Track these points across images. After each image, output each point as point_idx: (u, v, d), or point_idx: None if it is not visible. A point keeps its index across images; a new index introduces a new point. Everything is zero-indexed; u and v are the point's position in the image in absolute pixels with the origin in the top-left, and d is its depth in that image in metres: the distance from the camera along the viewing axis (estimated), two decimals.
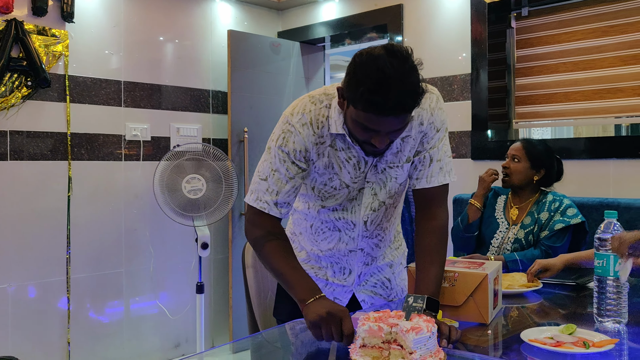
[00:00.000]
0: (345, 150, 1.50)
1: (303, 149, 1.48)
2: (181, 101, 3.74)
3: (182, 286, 3.71)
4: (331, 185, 1.54)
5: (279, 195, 1.49)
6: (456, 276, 1.57)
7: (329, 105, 1.49)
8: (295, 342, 1.49)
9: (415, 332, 1.17)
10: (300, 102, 1.52)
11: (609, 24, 3.00)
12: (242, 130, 3.77)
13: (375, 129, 1.33)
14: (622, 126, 3.89)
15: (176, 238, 3.66)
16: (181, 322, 3.70)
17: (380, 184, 1.57)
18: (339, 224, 1.61)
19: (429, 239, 1.55)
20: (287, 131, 1.48)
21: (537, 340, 1.34)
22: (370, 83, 1.26)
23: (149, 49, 3.59)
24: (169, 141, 3.66)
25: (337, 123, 1.46)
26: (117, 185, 3.45)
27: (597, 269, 1.53)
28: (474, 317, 1.54)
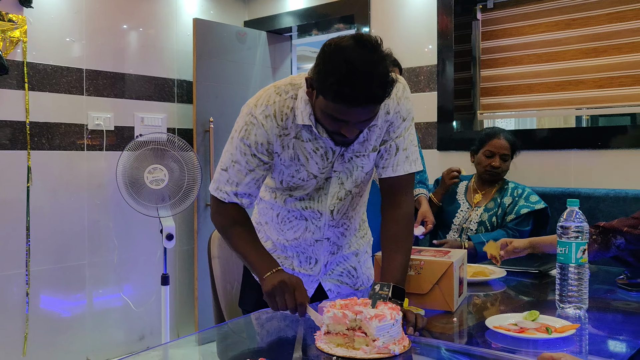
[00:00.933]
0: (312, 142, 1.48)
1: (265, 141, 1.47)
2: (145, 90, 3.66)
3: (146, 278, 3.66)
4: (299, 177, 1.53)
5: (238, 187, 1.49)
6: (422, 264, 1.57)
7: (295, 96, 1.47)
8: (261, 332, 1.48)
9: (378, 319, 1.17)
10: (265, 92, 1.50)
11: (571, 17, 3.05)
12: (207, 120, 3.72)
13: (344, 120, 1.33)
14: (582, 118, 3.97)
15: (141, 229, 3.60)
16: (146, 314, 3.65)
17: (347, 173, 1.56)
18: (306, 213, 1.60)
19: (395, 228, 1.56)
20: (250, 123, 1.46)
21: (501, 326, 1.36)
22: (338, 74, 1.25)
23: (112, 37, 3.50)
24: (133, 131, 3.59)
25: (303, 114, 1.44)
26: (79, 176, 3.37)
27: (560, 256, 1.55)
28: (440, 304, 1.56)
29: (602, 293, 1.76)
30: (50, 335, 3.25)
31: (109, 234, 3.49)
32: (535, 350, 1.27)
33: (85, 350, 3.40)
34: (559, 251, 1.56)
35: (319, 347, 1.21)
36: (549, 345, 1.30)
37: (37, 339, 3.18)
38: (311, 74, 1.36)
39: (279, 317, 1.50)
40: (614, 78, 2.93)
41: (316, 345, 1.22)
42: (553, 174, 2.97)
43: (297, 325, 1.42)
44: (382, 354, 1.16)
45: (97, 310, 3.46)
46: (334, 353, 1.18)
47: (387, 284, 1.32)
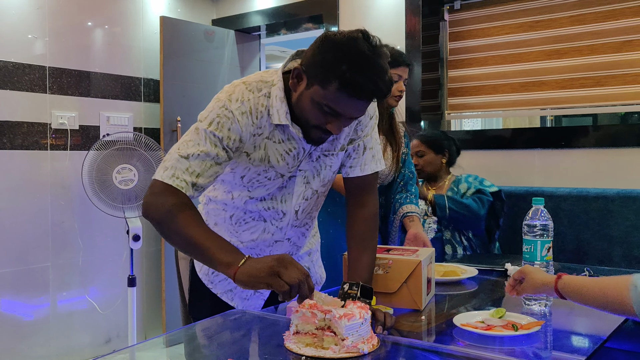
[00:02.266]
0: (284, 142, 1.43)
1: (238, 138, 1.38)
2: (111, 89, 3.60)
3: (112, 280, 3.59)
4: (265, 175, 1.46)
5: (199, 178, 1.34)
6: (390, 263, 1.58)
7: (268, 94, 1.40)
8: (231, 333, 1.46)
9: (347, 318, 1.17)
10: (235, 88, 1.42)
11: (534, 19, 3.11)
12: (174, 119, 3.68)
13: (339, 112, 1.30)
14: (547, 118, 4.05)
15: (106, 230, 3.54)
16: (112, 317, 3.59)
17: (314, 172, 1.52)
18: (266, 213, 1.54)
19: (361, 227, 1.56)
20: (224, 117, 1.36)
21: (468, 324, 1.38)
22: (352, 62, 1.23)
23: (77, 34, 3.43)
24: (99, 130, 3.53)
25: (279, 113, 1.38)
26: (42, 176, 3.29)
27: (525, 254, 1.58)
28: (408, 303, 1.57)
29: None
30: (13, 341, 3.17)
31: (74, 235, 3.42)
32: (501, 347, 1.29)
33: (49, 355, 3.32)
34: (524, 249, 1.59)
35: (288, 347, 1.20)
36: (514, 342, 1.32)
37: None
38: (302, 63, 1.32)
39: (247, 318, 1.50)
40: (575, 79, 3.00)
41: (285, 346, 1.21)
42: (518, 174, 3.02)
43: (265, 327, 1.41)
44: (351, 353, 1.17)
45: (61, 314, 3.39)
46: (303, 353, 1.17)
47: (356, 283, 1.33)
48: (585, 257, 2.60)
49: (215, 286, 1.65)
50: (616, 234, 2.55)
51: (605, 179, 2.76)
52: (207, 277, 1.66)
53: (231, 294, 1.65)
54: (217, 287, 1.65)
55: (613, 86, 2.89)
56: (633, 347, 2.04)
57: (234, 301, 1.64)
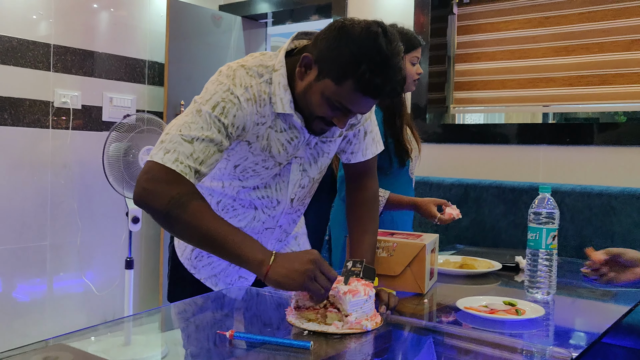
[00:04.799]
0: (286, 131, 1.36)
1: (242, 126, 1.29)
2: (115, 70, 3.58)
3: (110, 261, 3.58)
4: (263, 165, 1.39)
5: (202, 165, 1.23)
6: (394, 246, 1.57)
7: (270, 80, 1.31)
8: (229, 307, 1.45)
9: (352, 294, 1.16)
10: (235, 72, 1.31)
11: (544, 15, 3.09)
12: (178, 103, 3.66)
13: (350, 109, 1.25)
14: (549, 114, 4.04)
15: (106, 212, 3.52)
16: (109, 299, 3.58)
17: (311, 159, 1.46)
18: (259, 202, 1.46)
19: (361, 209, 1.54)
20: (230, 102, 1.27)
21: (471, 307, 1.37)
22: (372, 63, 1.18)
23: (83, 14, 3.41)
24: (101, 111, 3.51)
25: (283, 101, 1.31)
26: (43, 154, 3.27)
27: (530, 242, 1.57)
28: (411, 287, 1.56)
29: (569, 280, 1.79)
30: (7, 319, 3.15)
31: (73, 215, 3.40)
32: (502, 331, 1.28)
33: (42, 335, 3.31)
34: (529, 237, 1.58)
35: (290, 322, 1.19)
36: (517, 327, 1.31)
37: None
38: (313, 52, 1.26)
39: (241, 294, 1.48)
40: (582, 77, 2.98)
41: (287, 320, 1.20)
42: (521, 169, 3.01)
43: (261, 302, 1.40)
44: (355, 329, 1.15)
45: (57, 294, 3.37)
46: (306, 327, 1.16)
47: (360, 261, 1.31)
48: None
49: (199, 271, 1.58)
50: (618, 231, 2.54)
51: (608, 176, 2.75)
52: (189, 262, 1.58)
53: (215, 279, 1.58)
54: (201, 273, 1.58)
55: (620, 85, 2.88)
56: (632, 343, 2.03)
57: (218, 286, 1.58)
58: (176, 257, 1.61)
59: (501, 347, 1.16)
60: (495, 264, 1.90)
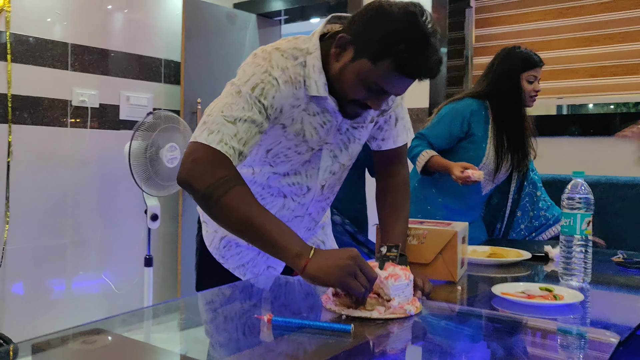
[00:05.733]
0: (319, 115, 1.34)
1: (280, 108, 1.28)
2: (132, 69, 3.58)
3: (129, 259, 3.57)
4: (296, 150, 1.37)
5: (245, 146, 1.22)
6: (425, 234, 1.55)
7: (304, 63, 1.30)
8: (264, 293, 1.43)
9: (394, 279, 1.14)
10: (270, 54, 1.29)
11: (564, 5, 3.06)
12: (195, 101, 3.66)
13: (386, 90, 1.23)
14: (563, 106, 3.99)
15: (124, 209, 3.52)
16: (128, 297, 3.57)
17: (342, 145, 1.43)
18: (288, 189, 1.44)
19: (393, 195, 1.52)
20: (269, 83, 1.25)
21: (508, 293, 1.34)
22: (413, 41, 1.16)
23: (99, 13, 3.42)
24: (118, 110, 3.51)
25: (318, 84, 1.29)
26: (62, 153, 3.28)
27: (564, 228, 1.54)
28: (443, 275, 1.53)
29: (602, 269, 1.75)
30: (28, 317, 3.15)
31: (93, 212, 3.40)
32: (541, 317, 1.26)
33: None
34: (563, 223, 1.55)
35: (330, 309, 1.17)
36: (556, 312, 1.28)
37: (14, 322, 3.08)
38: (349, 32, 1.24)
39: (275, 281, 1.47)
40: (606, 67, 2.95)
41: (325, 307, 1.18)
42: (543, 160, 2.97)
43: (295, 289, 1.38)
44: (398, 314, 1.13)
45: (76, 292, 3.37)
46: (348, 313, 1.14)
47: (395, 245, 1.28)
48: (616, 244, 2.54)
49: (227, 261, 1.57)
50: None
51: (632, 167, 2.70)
52: (218, 252, 1.57)
53: (243, 269, 1.57)
54: (229, 262, 1.57)
55: None
56: None
57: (246, 276, 1.57)
58: (204, 247, 1.59)
59: (544, 331, 1.14)
60: (524, 254, 1.87)
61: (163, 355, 1.02)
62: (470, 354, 1.03)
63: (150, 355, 1.02)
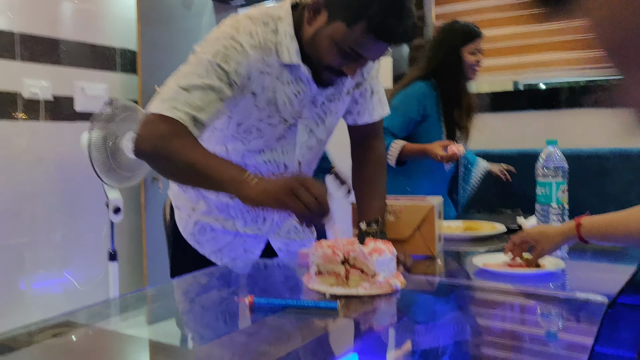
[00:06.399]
0: (293, 84, 1.30)
1: (246, 74, 1.23)
2: (85, 58, 3.44)
3: (92, 255, 3.45)
4: (269, 122, 1.32)
5: (201, 113, 1.17)
6: (401, 209, 1.52)
7: (276, 29, 1.27)
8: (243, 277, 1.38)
9: (378, 253, 1.11)
10: (239, 22, 1.25)
11: None
12: (153, 90, 3.54)
13: (361, 54, 1.20)
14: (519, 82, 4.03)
15: (85, 204, 3.39)
16: (93, 294, 3.45)
17: (317, 119, 1.40)
18: (264, 168, 1.40)
19: (369, 170, 1.49)
20: (232, 48, 1.20)
21: (489, 264, 1.33)
22: (387, 2, 1.14)
23: (46, 1, 3.26)
24: (73, 101, 3.37)
25: (290, 51, 1.26)
26: (15, 148, 3.13)
27: (540, 197, 1.54)
28: (421, 250, 1.51)
29: None
30: None
31: (51, 209, 3.27)
32: (525, 285, 1.24)
33: None
34: (539, 192, 1.54)
35: (313, 289, 1.13)
36: (540, 280, 1.27)
37: None
38: None
39: (253, 264, 1.42)
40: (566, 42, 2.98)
41: (309, 287, 1.14)
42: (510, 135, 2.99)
43: (276, 271, 1.34)
44: (384, 289, 1.10)
45: (38, 290, 3.24)
46: (333, 292, 1.10)
47: (374, 220, 1.25)
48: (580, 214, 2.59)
49: (202, 246, 1.51)
50: (612, 192, 2.54)
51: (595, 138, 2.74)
52: (192, 237, 1.51)
53: (220, 254, 1.51)
54: (205, 247, 1.51)
55: None
56: None
57: (223, 261, 1.51)
58: (178, 233, 1.53)
59: (534, 297, 1.12)
60: (498, 226, 1.87)
61: (140, 345, 0.97)
62: (460, 327, 1.00)
63: (128, 346, 0.96)
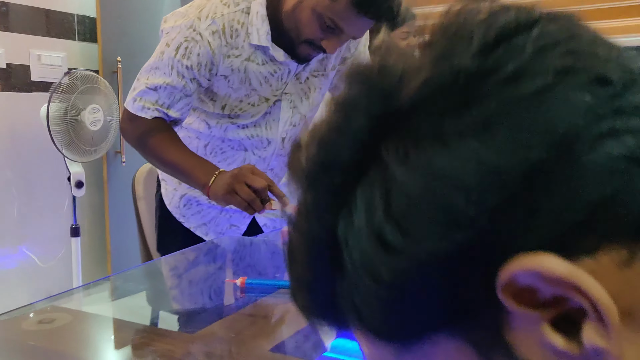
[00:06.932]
0: (267, 64, 1.29)
1: (209, 62, 1.25)
2: (41, 25, 3.29)
3: (53, 231, 3.35)
4: (248, 101, 1.33)
5: (170, 109, 1.29)
6: None
7: (247, 9, 1.25)
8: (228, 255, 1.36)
9: None
10: (207, 1, 1.26)
11: None
12: (114, 60, 3.42)
13: (342, 29, 1.18)
14: None
15: (45, 178, 3.28)
16: (54, 271, 3.36)
17: (302, 95, 1.40)
18: (248, 142, 1.41)
19: None
20: (192, 40, 1.23)
21: None
22: None
23: None
24: (29, 70, 3.22)
25: (259, 32, 1.25)
26: None
27: None
28: None
29: None
30: None
31: (7, 184, 3.15)
32: None
33: None
34: None
35: None
36: None
37: None
38: None
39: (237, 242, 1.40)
40: None
41: None
42: None
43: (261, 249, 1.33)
44: None
45: None
46: None
47: None
48: None
49: (188, 219, 1.52)
50: None
51: None
52: (178, 211, 1.52)
53: (205, 228, 1.52)
54: (190, 221, 1.52)
55: None
56: None
57: (209, 235, 1.52)
58: (164, 206, 1.53)
59: None
60: None
61: (130, 329, 0.94)
62: None
63: (118, 329, 0.93)
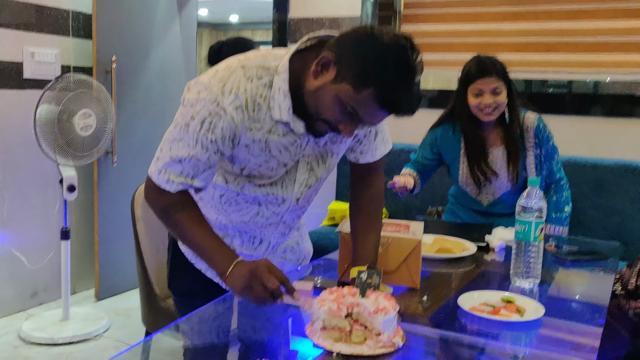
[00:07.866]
0: (287, 135, 1.32)
1: (232, 135, 1.27)
2: (35, 21, 3.22)
3: (42, 233, 3.34)
4: (267, 166, 1.36)
5: (194, 180, 1.30)
6: (390, 241, 1.56)
7: (270, 83, 1.26)
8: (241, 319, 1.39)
9: (383, 313, 1.14)
10: (231, 74, 1.25)
11: None
12: (109, 59, 3.37)
13: (362, 118, 1.20)
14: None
15: (36, 180, 3.25)
16: (40, 271, 3.35)
17: (319, 158, 1.42)
18: (264, 198, 1.43)
19: (368, 206, 1.53)
20: (215, 115, 1.23)
21: (475, 308, 1.39)
22: (401, 78, 1.13)
23: None
24: (22, 67, 3.17)
25: (281, 108, 1.26)
26: None
27: (518, 234, 1.61)
28: (406, 281, 1.56)
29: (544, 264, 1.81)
30: None
31: None
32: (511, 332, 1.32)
33: None
34: (517, 229, 1.61)
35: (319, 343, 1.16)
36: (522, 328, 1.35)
37: None
38: (334, 52, 1.18)
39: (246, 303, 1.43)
40: (530, 44, 3.04)
41: (314, 342, 1.17)
42: None
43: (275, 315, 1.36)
44: (387, 347, 1.14)
45: None
46: (338, 350, 1.13)
47: (377, 272, 1.28)
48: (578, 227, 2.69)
49: (198, 261, 1.56)
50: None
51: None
52: (189, 252, 1.56)
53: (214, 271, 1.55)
54: (200, 263, 1.56)
55: (564, 52, 2.97)
56: None
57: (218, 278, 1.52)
58: (177, 245, 1.57)
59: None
60: (469, 246, 1.94)
61: None
62: None
63: None
